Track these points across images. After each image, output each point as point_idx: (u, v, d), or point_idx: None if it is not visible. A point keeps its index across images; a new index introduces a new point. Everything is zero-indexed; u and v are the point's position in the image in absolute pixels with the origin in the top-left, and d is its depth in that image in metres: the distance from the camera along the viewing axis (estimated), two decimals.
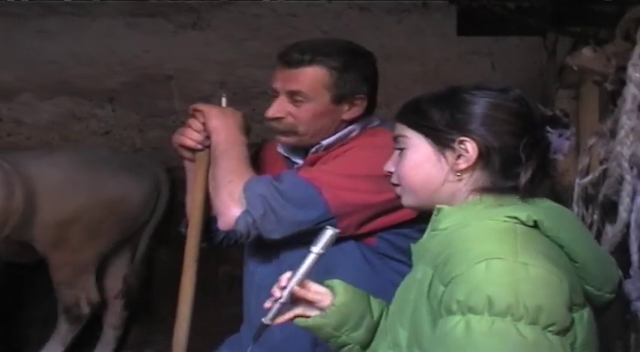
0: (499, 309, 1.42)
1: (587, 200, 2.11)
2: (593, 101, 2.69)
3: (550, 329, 1.43)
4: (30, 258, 4.04)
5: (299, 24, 4.24)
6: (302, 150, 2.28)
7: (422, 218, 2.10)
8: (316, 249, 1.73)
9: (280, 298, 1.73)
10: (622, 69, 1.91)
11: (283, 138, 2.26)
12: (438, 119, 1.63)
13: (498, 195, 1.61)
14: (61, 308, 4.10)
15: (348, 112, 2.24)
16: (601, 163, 2.06)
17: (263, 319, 1.74)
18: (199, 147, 2.28)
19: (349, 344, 1.80)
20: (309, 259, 1.73)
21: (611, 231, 1.93)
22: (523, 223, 1.54)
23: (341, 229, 1.94)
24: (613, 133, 1.94)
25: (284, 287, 1.74)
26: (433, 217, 1.66)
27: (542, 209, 1.58)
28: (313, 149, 2.25)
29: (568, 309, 1.47)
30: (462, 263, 1.48)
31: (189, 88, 4.36)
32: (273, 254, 2.25)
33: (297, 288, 1.74)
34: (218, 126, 2.23)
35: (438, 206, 1.64)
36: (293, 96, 2.20)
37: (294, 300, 1.76)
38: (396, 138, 1.71)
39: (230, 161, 2.18)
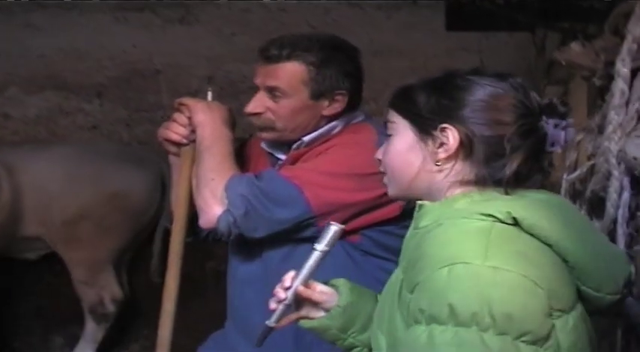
0: (463, 319, 1.32)
1: (575, 196, 2.10)
2: (582, 97, 2.69)
3: (523, 338, 1.32)
4: (34, 254, 4.05)
5: (288, 19, 4.23)
6: (285, 145, 2.27)
7: (406, 215, 2.11)
8: (320, 246, 1.66)
9: (285, 300, 1.65)
10: (610, 64, 1.90)
11: (264, 134, 2.25)
12: (423, 104, 1.53)
13: (482, 190, 1.48)
14: (86, 309, 4.08)
15: (329, 108, 2.21)
16: (589, 159, 2.06)
17: (267, 322, 1.68)
18: (184, 141, 2.26)
19: (357, 346, 1.73)
20: (313, 257, 1.65)
21: (599, 227, 1.93)
22: (501, 221, 1.41)
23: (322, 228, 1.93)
24: (601, 129, 1.93)
25: (288, 288, 1.66)
26: (415, 213, 1.56)
27: (527, 202, 1.45)
28: (295, 145, 2.23)
29: (546, 316, 1.35)
30: (426, 268, 1.38)
31: (178, 82, 4.35)
32: (256, 251, 2.24)
33: (301, 288, 1.66)
34: (204, 120, 2.21)
35: (419, 202, 1.55)
36: (272, 91, 2.18)
37: (299, 300, 1.69)
38: (385, 124, 1.62)
39: (213, 158, 2.17)
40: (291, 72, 2.16)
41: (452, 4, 2.93)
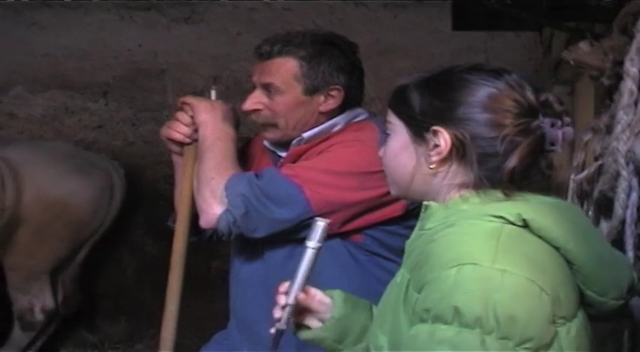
0: (467, 320, 1.30)
1: (582, 196, 2.09)
2: (589, 97, 2.68)
3: (525, 345, 1.30)
4: None
5: (293, 18, 4.22)
6: (287, 143, 2.26)
7: (409, 215, 2.10)
8: (312, 243, 1.64)
9: (287, 305, 1.63)
10: (619, 63, 1.89)
11: (268, 134, 2.24)
12: (416, 106, 1.49)
13: (482, 192, 1.46)
14: (15, 315, 3.98)
15: (325, 104, 2.20)
16: (596, 159, 2.04)
17: (277, 325, 1.64)
18: (187, 140, 2.25)
19: None
20: (307, 255, 1.64)
21: (607, 228, 1.91)
22: (511, 223, 1.38)
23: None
24: (609, 129, 1.91)
25: (288, 292, 1.63)
26: (421, 214, 1.53)
27: (536, 205, 1.42)
28: (294, 142, 2.22)
29: (549, 323, 1.33)
30: (435, 268, 1.36)
31: (183, 81, 4.35)
32: (257, 251, 2.23)
33: (302, 296, 1.64)
34: (206, 119, 2.20)
35: (425, 203, 1.52)
36: (267, 88, 2.20)
37: (298, 307, 1.66)
38: (385, 124, 1.60)
39: (214, 157, 2.16)
40: (283, 67, 2.17)
41: (458, 4, 2.92)
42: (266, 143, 2.32)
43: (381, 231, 2.17)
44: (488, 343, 1.29)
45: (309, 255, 1.64)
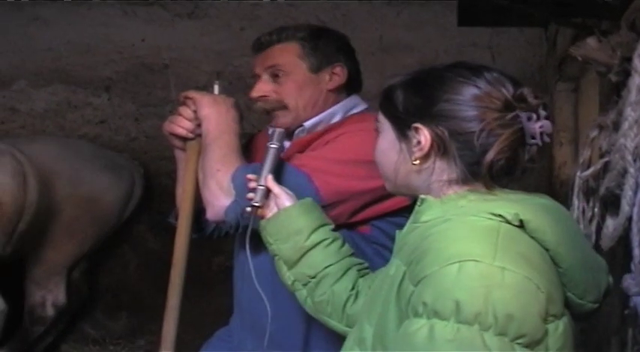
0: (466, 316, 1.32)
1: (588, 193, 2.08)
2: (593, 94, 2.67)
3: (519, 341, 1.33)
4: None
5: (297, 14, 4.22)
6: (290, 135, 2.25)
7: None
8: (273, 144, 1.98)
9: (257, 186, 1.88)
10: (627, 60, 1.88)
11: (279, 120, 2.22)
12: (399, 104, 1.56)
13: (472, 188, 1.51)
14: (25, 309, 3.99)
15: (331, 82, 2.24)
16: (602, 156, 2.03)
17: (252, 202, 1.88)
18: (190, 135, 2.24)
19: (277, 255, 1.85)
20: (270, 152, 1.96)
21: (613, 225, 1.90)
22: (508, 222, 1.42)
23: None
24: (616, 125, 1.90)
25: (257, 178, 1.90)
26: (416, 207, 1.57)
27: (532, 206, 1.47)
28: (297, 132, 2.23)
29: (542, 320, 1.36)
30: (435, 262, 1.38)
31: (186, 77, 4.34)
32: (262, 244, 2.21)
33: (270, 177, 1.89)
34: (209, 114, 2.19)
35: (421, 196, 1.56)
36: (272, 72, 2.22)
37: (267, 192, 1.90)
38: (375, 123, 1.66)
39: (219, 150, 2.15)
40: (285, 49, 2.22)
41: (463, 0, 2.90)
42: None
43: (387, 223, 2.16)
44: (487, 339, 1.32)
45: (272, 152, 1.96)
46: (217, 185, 2.10)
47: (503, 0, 2.60)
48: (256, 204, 1.88)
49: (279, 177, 2.04)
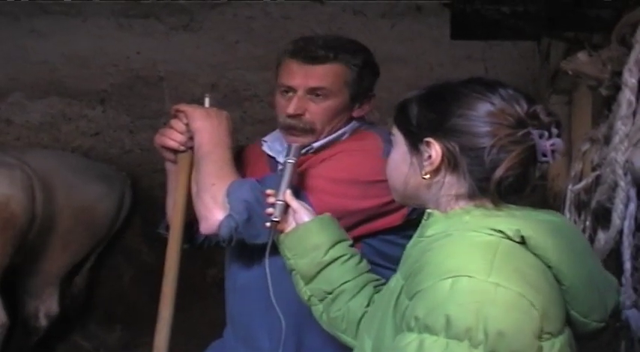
0: (456, 332, 1.32)
1: (580, 206, 2.09)
2: (586, 107, 2.68)
3: None
4: None
5: (292, 26, 4.22)
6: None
7: (408, 224, 2.10)
8: (291, 159, 1.98)
9: (276, 202, 1.88)
10: (617, 74, 1.89)
11: (300, 139, 2.19)
12: (413, 118, 1.56)
13: (480, 203, 1.50)
14: (19, 319, 3.98)
15: (358, 110, 2.25)
16: (594, 169, 2.04)
17: (272, 217, 1.88)
18: (182, 148, 2.24)
19: (294, 269, 1.84)
20: (288, 168, 1.96)
21: (604, 238, 1.91)
22: (509, 238, 1.42)
23: None
24: (607, 139, 1.92)
25: (276, 194, 1.89)
26: (423, 221, 1.57)
27: (535, 223, 1.46)
28: (304, 150, 2.22)
29: (535, 338, 1.35)
30: (430, 277, 1.38)
31: (181, 89, 4.34)
32: (255, 257, 2.21)
33: (288, 192, 1.88)
34: (202, 127, 2.19)
35: (428, 210, 1.56)
36: (314, 92, 2.18)
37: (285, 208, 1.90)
38: (390, 136, 1.66)
39: (213, 163, 2.15)
40: (336, 72, 2.18)
41: (457, 13, 2.92)
42: (265, 148, 2.32)
43: (379, 240, 2.17)
44: None
45: (289, 167, 1.96)
46: (212, 199, 2.10)
47: (496, 14, 2.62)
48: (275, 220, 1.88)
49: None
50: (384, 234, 2.17)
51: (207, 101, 2.29)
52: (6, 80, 4.41)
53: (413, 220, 2.12)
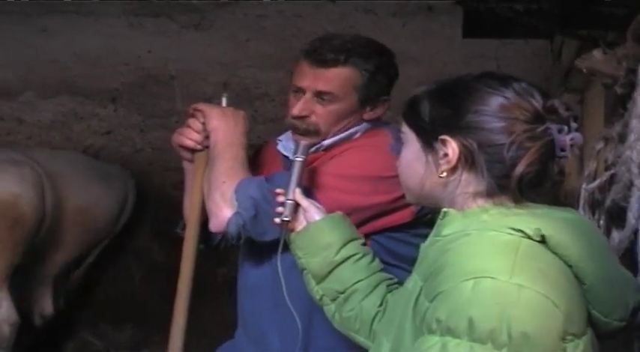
0: (480, 334, 1.30)
1: (594, 205, 2.07)
2: (599, 105, 2.66)
3: None
4: None
5: (303, 25, 4.22)
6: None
7: (418, 222, 2.10)
8: (299, 157, 1.95)
9: (286, 200, 1.86)
10: (632, 71, 1.88)
11: (305, 139, 2.18)
12: (426, 115, 1.52)
13: (497, 201, 1.48)
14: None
15: (370, 113, 2.23)
16: (608, 168, 2.03)
17: (282, 216, 1.86)
18: (199, 147, 2.24)
19: (305, 269, 1.82)
20: (297, 165, 1.93)
21: (618, 237, 1.90)
22: (529, 237, 1.39)
23: None
24: (622, 137, 1.90)
25: (286, 192, 1.87)
26: (438, 220, 1.54)
27: (555, 221, 1.43)
28: (313, 148, 2.21)
29: (559, 339, 1.33)
30: (450, 278, 1.36)
31: (192, 88, 4.34)
32: (266, 256, 2.21)
33: (298, 191, 1.86)
34: (218, 126, 2.19)
35: (444, 209, 1.53)
36: (321, 95, 2.17)
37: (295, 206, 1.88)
38: (400, 134, 1.63)
39: (226, 162, 2.15)
40: (345, 77, 2.16)
41: (470, 11, 2.91)
42: (280, 148, 2.31)
43: (388, 238, 2.16)
44: None
45: (298, 165, 1.93)
46: (221, 196, 2.10)
47: (509, 12, 2.61)
48: (286, 219, 1.86)
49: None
50: (393, 231, 2.16)
51: (224, 100, 2.29)
52: (17, 79, 4.42)
53: (422, 218, 2.12)
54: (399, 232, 2.15)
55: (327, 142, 2.21)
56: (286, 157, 2.29)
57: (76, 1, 4.22)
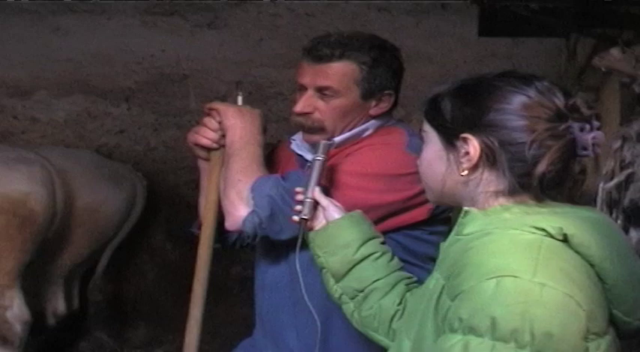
0: (502, 333, 1.30)
1: (611, 204, 2.06)
2: (614, 104, 2.65)
3: None
4: None
5: (316, 24, 4.21)
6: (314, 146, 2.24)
7: (434, 220, 2.09)
8: (319, 156, 1.96)
9: (305, 199, 1.88)
10: None
11: (313, 137, 2.20)
12: (447, 114, 1.52)
13: (519, 200, 1.47)
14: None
15: (375, 108, 2.22)
16: (624, 167, 2.02)
17: (300, 214, 1.88)
18: (215, 146, 2.25)
19: (324, 267, 1.82)
20: (317, 165, 1.94)
21: (636, 236, 1.89)
22: (552, 236, 1.39)
23: None
24: (639, 137, 1.89)
25: (304, 191, 1.89)
26: (459, 219, 1.54)
27: (577, 220, 1.42)
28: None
29: (582, 339, 1.33)
30: (472, 277, 1.35)
31: (206, 87, 4.34)
32: (282, 254, 2.21)
33: (317, 189, 1.88)
34: (234, 125, 2.19)
35: (465, 208, 1.53)
36: (322, 91, 2.18)
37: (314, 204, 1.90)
38: (421, 133, 1.63)
39: (242, 161, 2.15)
40: (343, 71, 2.16)
41: (486, 10, 2.90)
42: (294, 147, 2.31)
43: (405, 236, 2.16)
44: None
45: (318, 164, 1.94)
46: (237, 195, 2.10)
47: (525, 11, 2.59)
48: (305, 217, 1.87)
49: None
50: (409, 229, 2.16)
51: (239, 99, 2.30)
52: (31, 78, 4.43)
53: (439, 215, 2.12)
54: (415, 230, 2.14)
55: (338, 139, 2.21)
56: (300, 156, 2.29)
57: (90, 0, 4.24)
